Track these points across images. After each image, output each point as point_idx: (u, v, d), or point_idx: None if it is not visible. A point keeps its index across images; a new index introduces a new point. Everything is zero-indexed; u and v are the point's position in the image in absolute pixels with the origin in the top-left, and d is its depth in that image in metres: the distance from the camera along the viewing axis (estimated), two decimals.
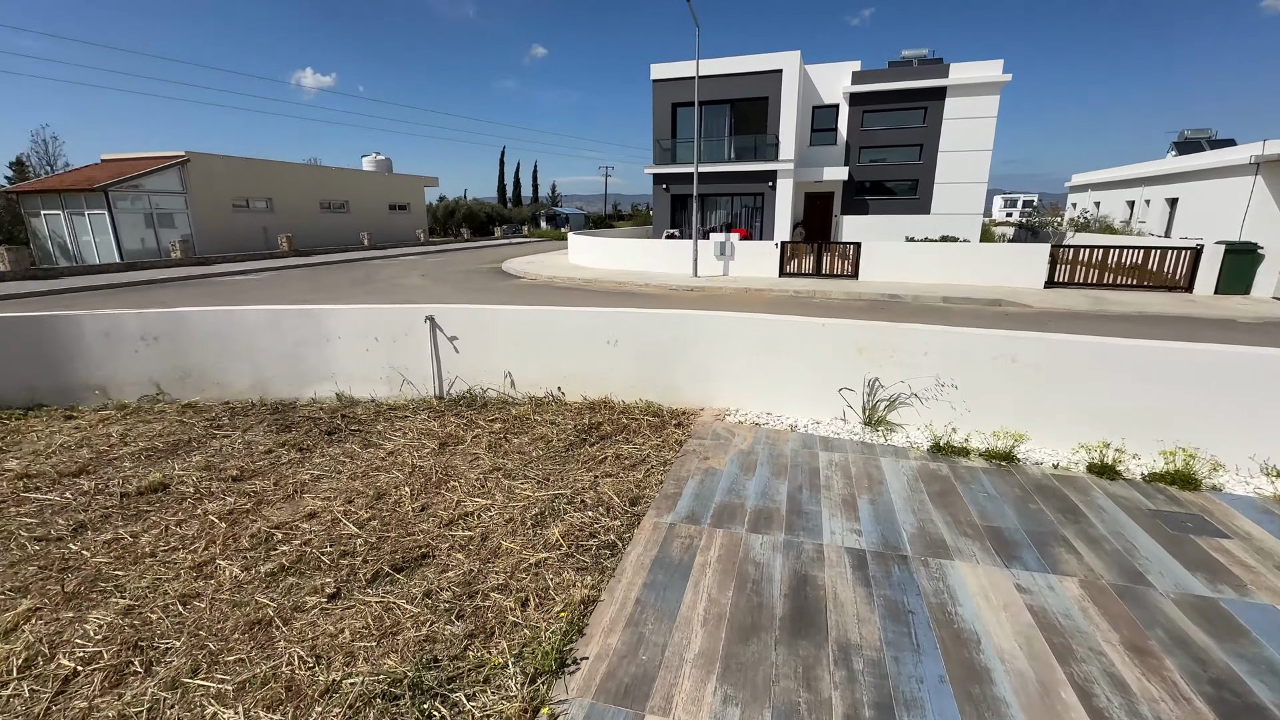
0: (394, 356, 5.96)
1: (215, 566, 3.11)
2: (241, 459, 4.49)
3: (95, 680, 2.35)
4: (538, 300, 13.54)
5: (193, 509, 3.74)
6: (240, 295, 15.31)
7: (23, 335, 5.70)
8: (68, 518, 3.60)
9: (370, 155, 40.36)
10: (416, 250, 32.20)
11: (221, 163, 27.52)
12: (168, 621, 2.69)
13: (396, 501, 3.80)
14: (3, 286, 16.18)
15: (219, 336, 5.92)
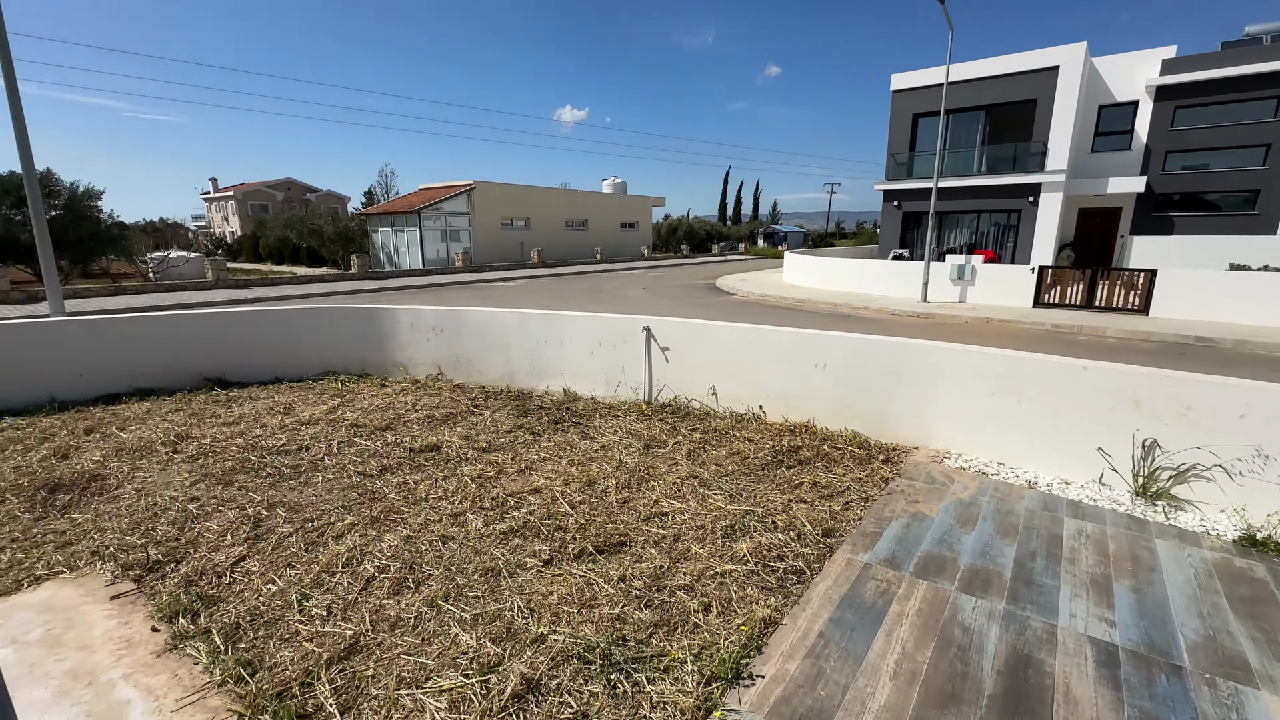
0: (613, 360, 6.60)
1: (465, 518, 3.84)
2: (490, 434, 5.42)
3: (385, 585, 3.10)
4: (748, 317, 13.65)
5: (454, 469, 4.65)
6: (499, 298, 18.33)
7: (361, 321, 7.66)
8: (377, 461, 4.76)
9: (609, 178, 44.82)
10: (640, 265, 34.78)
11: (496, 189, 33.10)
12: (432, 554, 3.41)
13: (603, 491, 4.23)
14: (354, 284, 21.77)
15: (483, 332, 7.22)
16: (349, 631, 2.72)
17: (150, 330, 6.92)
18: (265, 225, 38.39)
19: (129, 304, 15.73)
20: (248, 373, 7.30)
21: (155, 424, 5.58)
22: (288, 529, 3.67)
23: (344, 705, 2.31)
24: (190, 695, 2.37)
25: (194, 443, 5.10)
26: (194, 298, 17.22)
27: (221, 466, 4.59)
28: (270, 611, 2.87)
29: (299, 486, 4.29)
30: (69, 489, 4.19)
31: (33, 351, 6.27)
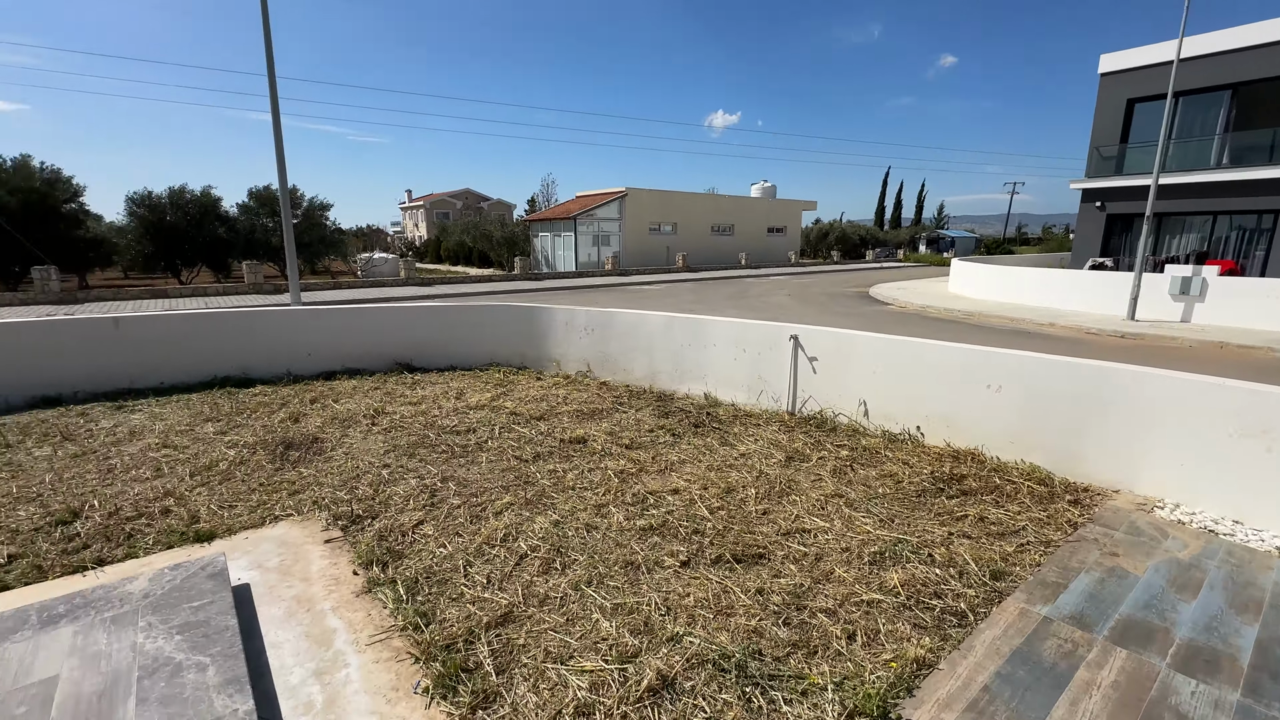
0: (756, 368, 6.48)
1: (608, 510, 4.02)
2: (633, 432, 5.62)
3: (535, 563, 3.35)
4: (904, 330, 12.62)
5: (598, 462, 4.88)
6: (644, 301, 18.90)
7: (523, 319, 8.36)
8: (531, 448, 5.16)
9: (758, 182, 44.07)
10: (786, 271, 33.75)
11: (646, 195, 34.14)
12: (577, 540, 3.62)
13: (742, 500, 4.18)
14: (515, 284, 23.83)
15: (630, 333, 7.50)
16: (504, 601, 2.98)
17: (359, 320, 8.19)
18: (446, 230, 43.50)
19: (342, 297, 18.77)
20: (429, 359, 8.32)
21: (359, 399, 6.59)
22: (456, 501, 4.13)
23: (499, 667, 2.54)
24: (379, 634, 2.76)
25: (387, 418, 5.93)
26: (390, 292, 20.05)
27: (407, 440, 5.29)
28: (441, 572, 3.25)
29: (466, 464, 4.80)
30: (299, 447, 5.11)
31: (277, 333, 7.74)
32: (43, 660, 2.30)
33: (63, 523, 3.75)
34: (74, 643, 2.40)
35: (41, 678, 2.22)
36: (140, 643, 2.40)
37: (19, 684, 2.19)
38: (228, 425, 5.68)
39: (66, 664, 2.28)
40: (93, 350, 6.77)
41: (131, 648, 2.37)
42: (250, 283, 19.55)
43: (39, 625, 2.50)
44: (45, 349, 6.56)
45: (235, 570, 3.20)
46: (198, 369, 7.26)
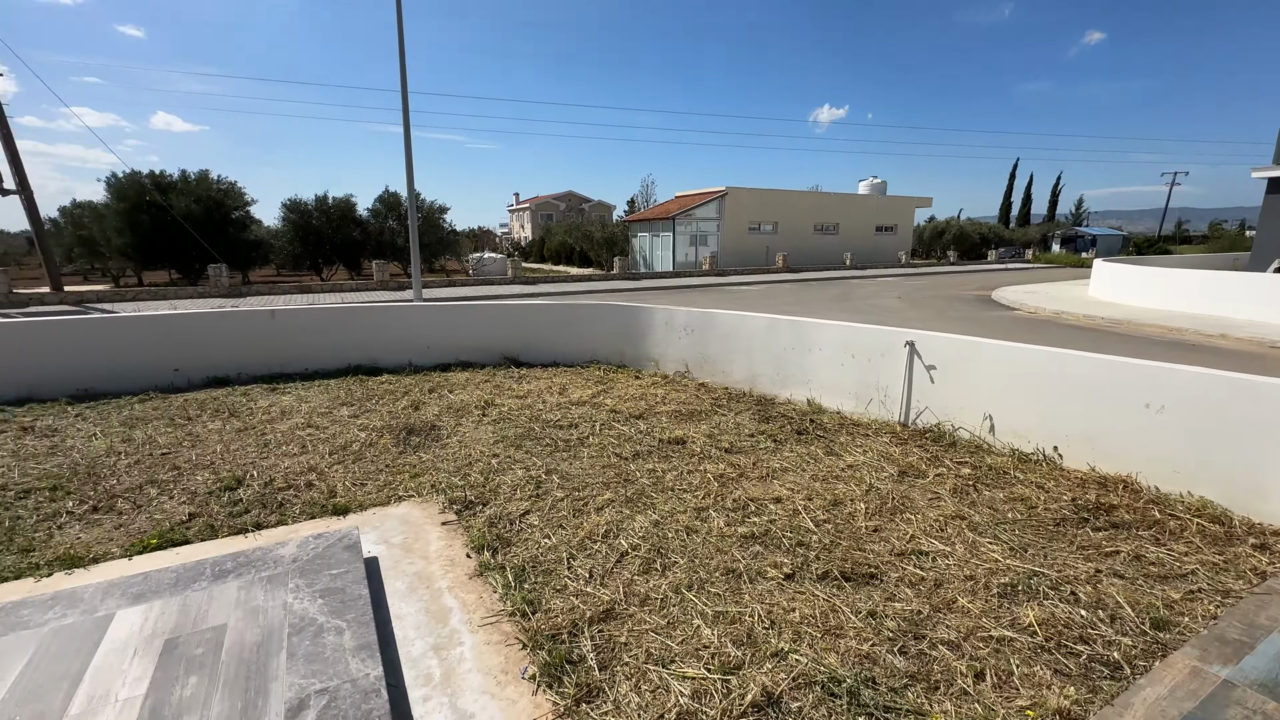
0: (866, 375, 6.13)
1: (708, 514, 3.96)
2: (732, 436, 5.51)
3: (635, 562, 3.37)
4: (1035, 338, 11.44)
5: (697, 465, 4.83)
6: (742, 302, 18.57)
7: (624, 318, 8.48)
8: (631, 446, 5.21)
9: (866, 179, 41.91)
10: (896, 272, 31.84)
11: (746, 194, 33.53)
12: (677, 542, 3.59)
13: (851, 514, 3.95)
14: (614, 283, 24.33)
15: (731, 335, 7.37)
16: (606, 597, 3.02)
17: (472, 316, 8.70)
18: (550, 231, 45.30)
19: (456, 294, 20.10)
20: (534, 355, 8.68)
21: (471, 390, 7.00)
22: (560, 494, 4.25)
23: (602, 663, 2.57)
24: (490, 617, 2.90)
25: (496, 410, 6.25)
26: (497, 290, 21.20)
27: (514, 432, 5.54)
28: (546, 563, 3.35)
29: (569, 458, 4.94)
30: (419, 433, 5.51)
31: (401, 327, 8.41)
32: (215, 609, 2.64)
33: (229, 488, 4.29)
34: (238, 596, 2.73)
35: (214, 624, 2.53)
36: (290, 602, 2.68)
37: (197, 628, 2.51)
38: (359, 410, 6.25)
39: (233, 615, 2.59)
40: (253, 338, 7.73)
41: (283, 606, 2.65)
42: (378, 280, 21.47)
43: (212, 578, 2.86)
44: (218, 337, 7.57)
45: (365, 544, 3.49)
46: (336, 357, 8.07)
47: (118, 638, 2.44)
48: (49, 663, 2.30)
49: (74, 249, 26.33)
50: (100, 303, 17.36)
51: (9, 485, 4.29)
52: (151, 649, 2.38)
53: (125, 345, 7.12)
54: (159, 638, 2.44)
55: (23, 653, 2.34)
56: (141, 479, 4.43)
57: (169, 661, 2.32)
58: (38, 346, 6.77)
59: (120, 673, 2.26)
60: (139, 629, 2.50)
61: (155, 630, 2.49)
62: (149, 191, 23.13)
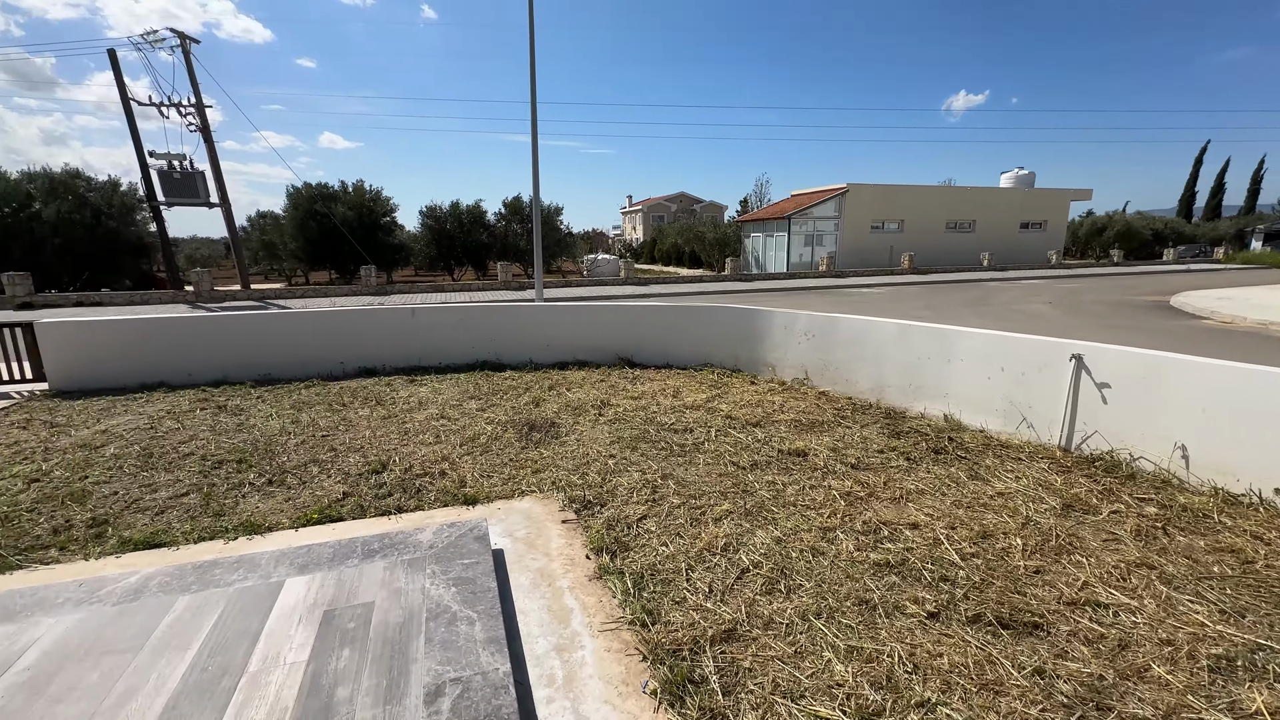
0: (1017, 390, 5.44)
1: (835, 535, 3.68)
2: (859, 450, 5.12)
3: (758, 580, 3.20)
4: (1235, 354, 9.64)
5: (821, 480, 4.54)
6: (863, 305, 17.49)
7: (740, 321, 8.25)
8: (748, 455, 5.02)
9: (1011, 171, 37.91)
10: (1044, 273, 28.51)
11: (869, 191, 31.66)
12: (802, 563, 3.37)
13: (1004, 550, 3.49)
14: (725, 284, 24.01)
15: (856, 341, 6.90)
16: (727, 615, 2.89)
17: (589, 316, 8.92)
18: (662, 233, 45.74)
19: (571, 294, 20.87)
20: (647, 356, 8.72)
21: (588, 389, 7.15)
22: (676, 500, 4.17)
23: (725, 686, 2.45)
24: (610, 622, 2.88)
25: (611, 410, 6.32)
26: (610, 290, 21.72)
27: (630, 433, 5.56)
28: (665, 572, 3.28)
29: (685, 464, 4.85)
30: (540, 429, 5.71)
31: (524, 326, 8.82)
32: (364, 586, 2.85)
33: (375, 472, 4.69)
34: (383, 577, 2.93)
35: (364, 601, 2.74)
36: (427, 588, 2.83)
37: (350, 603, 2.73)
38: (486, 404, 6.61)
39: (379, 594, 2.79)
40: (396, 333, 8.47)
41: (421, 591, 2.81)
42: (501, 280, 22.87)
43: (362, 557, 3.11)
44: (368, 332, 8.39)
45: (492, 536, 3.64)
46: (465, 353, 8.63)
47: (287, 604, 2.71)
48: (234, 619, 2.60)
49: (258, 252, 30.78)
50: (277, 299, 20.09)
51: (208, 456, 5.01)
52: (313, 618, 2.62)
53: (295, 337, 8.10)
54: (319, 608, 2.68)
55: (215, 609, 2.67)
56: (306, 458, 4.98)
57: (326, 632, 2.53)
58: (229, 338, 7.90)
59: (288, 637, 2.50)
60: (303, 598, 2.76)
61: (316, 600, 2.73)
62: (317, 201, 26.42)
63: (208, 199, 21.61)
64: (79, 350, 7.39)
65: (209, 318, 8.12)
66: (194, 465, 4.82)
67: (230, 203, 22.31)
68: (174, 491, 4.34)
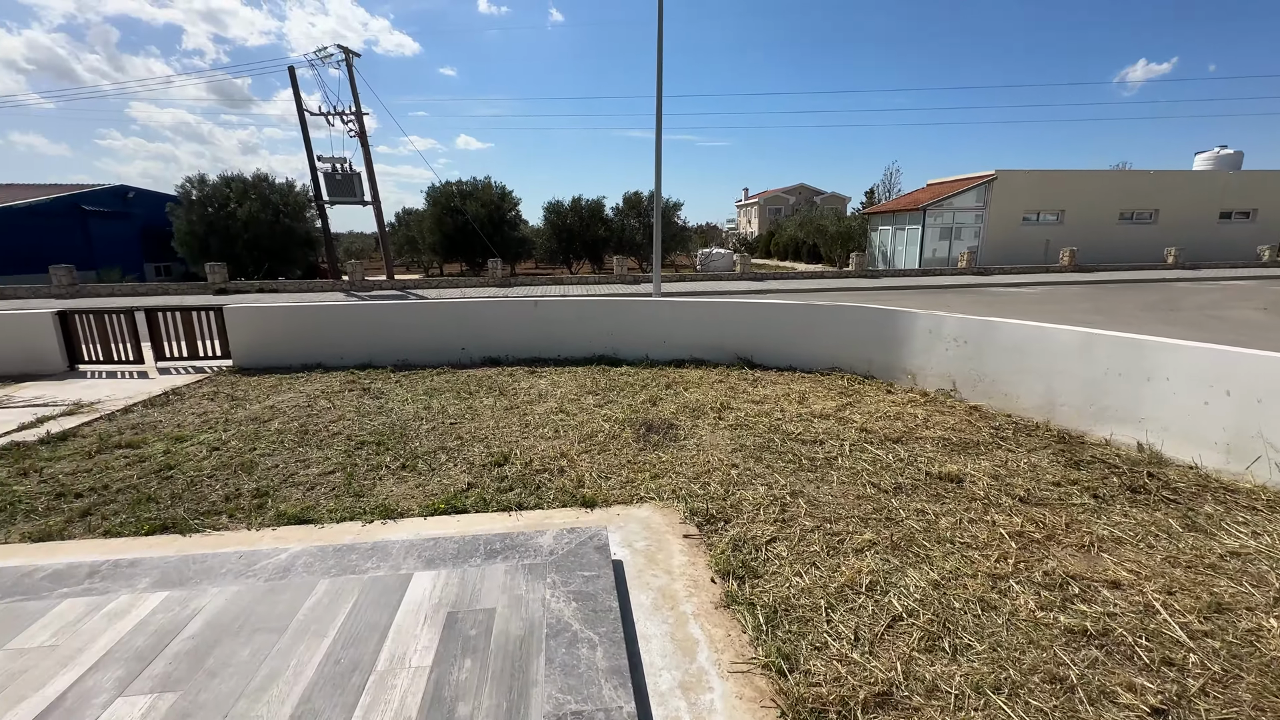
0: (1249, 420, 4.35)
1: (1009, 586, 3.08)
2: (1028, 481, 4.36)
3: (913, 633, 2.73)
4: None
5: (982, 513, 3.89)
6: (1013, 307, 15.52)
7: (875, 322, 7.51)
8: (890, 476, 4.45)
9: (1209, 151, 31.99)
10: (1251, 273, 23.82)
11: (1022, 178, 28.22)
12: (969, 616, 2.84)
13: (1254, 633, 2.71)
14: (848, 281, 22.51)
15: (1020, 349, 5.96)
16: (880, 674, 2.46)
17: (706, 313, 8.60)
18: (780, 226, 44.13)
19: (685, 288, 20.62)
20: (768, 357, 8.24)
21: (706, 390, 6.85)
22: (809, 522, 3.76)
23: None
24: (741, 662, 2.57)
25: (732, 413, 5.97)
26: (724, 286, 21.19)
27: (753, 441, 5.18)
28: (801, 609, 2.91)
29: (816, 481, 4.40)
30: (657, 430, 5.51)
31: (640, 321, 8.69)
32: (486, 589, 2.78)
33: (498, 464, 4.74)
34: (505, 581, 2.85)
35: (485, 606, 2.66)
36: (547, 599, 2.70)
37: (471, 606, 2.66)
38: (603, 400, 6.54)
39: (500, 600, 2.70)
40: (519, 325, 8.71)
41: (542, 602, 2.68)
42: (617, 274, 23.16)
43: (484, 556, 3.06)
44: (493, 322, 8.70)
45: (611, 545, 3.47)
46: (583, 346, 8.68)
47: (413, 599, 2.70)
48: (366, 610, 2.63)
49: (402, 246, 33.81)
50: (416, 288, 21.88)
51: (352, 436, 5.37)
52: (437, 619, 2.58)
53: (430, 326, 8.60)
54: (443, 608, 2.64)
55: (350, 597, 2.73)
56: (436, 444, 5.17)
57: (449, 636, 2.47)
58: (374, 325, 8.55)
59: (414, 637, 2.47)
60: (428, 594, 2.74)
61: (440, 600, 2.70)
62: (452, 199, 28.44)
63: (362, 197, 24.02)
64: (256, 332, 8.36)
65: (358, 306, 8.85)
66: (340, 445, 5.18)
67: (380, 201, 24.63)
68: (322, 469, 4.66)
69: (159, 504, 4.08)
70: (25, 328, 8.10)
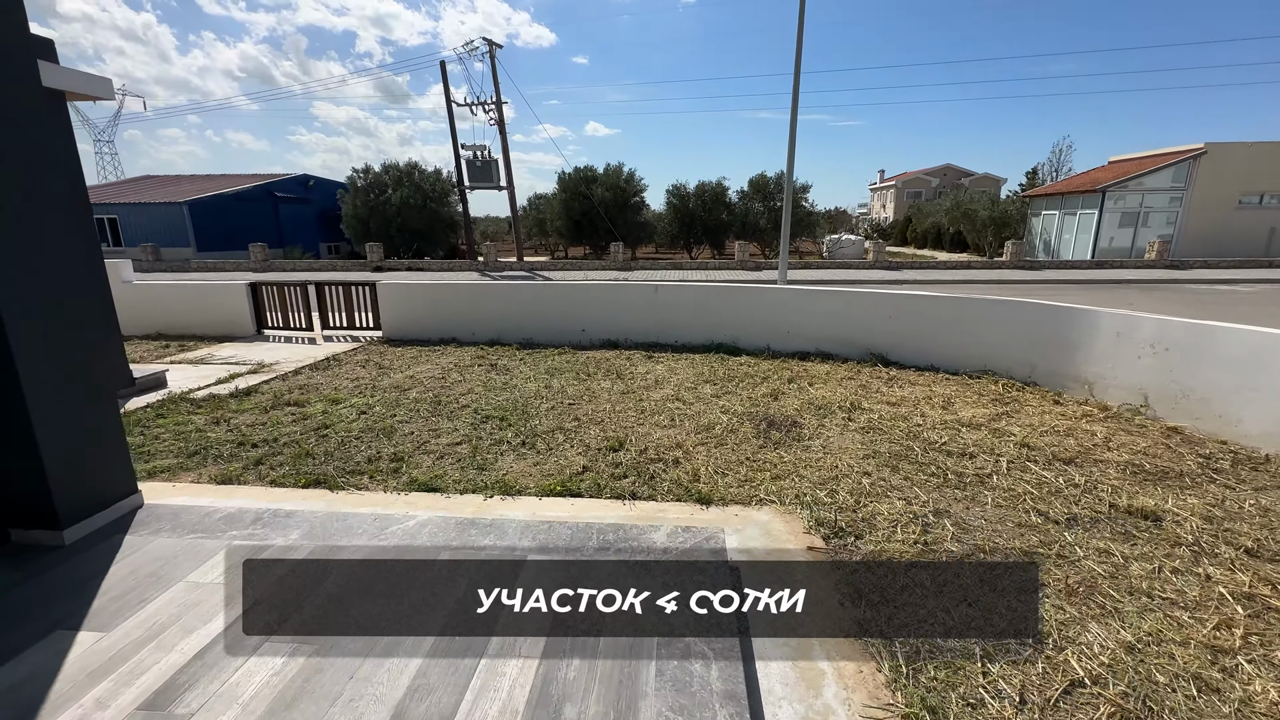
0: None
1: (1236, 664, 2.43)
2: (1255, 528, 3.47)
3: (1099, 705, 2.22)
4: None
5: (1190, 563, 3.14)
6: (1225, 310, 12.85)
7: (1039, 320, 6.46)
8: (1063, 504, 3.76)
9: None
10: None
11: (1239, 151, 23.36)
12: (1178, 697, 2.26)
13: None
14: (1000, 273, 20.08)
15: (1248, 363, 4.80)
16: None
17: (834, 303, 7.96)
18: (919, 211, 40.46)
19: (811, 276, 19.54)
20: (905, 355, 7.46)
21: (833, 387, 6.33)
22: (955, 548, 3.26)
23: None
24: (875, 708, 2.24)
25: (864, 414, 5.45)
26: (856, 275, 19.79)
27: (888, 448, 4.66)
28: (949, 653, 2.49)
29: (965, 500, 3.84)
30: (779, 427, 5.16)
31: (763, 309, 8.26)
32: (597, 586, 2.68)
33: (613, 449, 4.68)
34: (616, 577, 2.73)
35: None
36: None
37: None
38: (721, 390, 6.28)
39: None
40: (639, 309, 8.66)
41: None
42: (738, 260, 22.53)
43: (596, 548, 2.98)
44: (614, 306, 8.73)
45: (728, 548, 3.24)
46: (701, 333, 8.45)
47: (524, 586, 2.68)
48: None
49: (532, 229, 35.54)
50: (543, 270, 22.88)
51: (479, 410, 5.61)
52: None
53: (553, 307, 8.82)
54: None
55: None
56: (554, 424, 5.24)
57: (558, 629, 2.40)
58: (504, 303, 8.94)
59: (523, 627, 2.43)
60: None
61: (551, 590, 2.65)
62: (580, 184, 29.28)
63: (498, 182, 25.48)
64: (403, 307, 9.10)
65: (489, 286, 9.31)
66: (467, 417, 5.42)
67: (514, 186, 25.98)
68: (451, 439, 4.90)
69: (314, 459, 4.51)
70: (226, 297, 9.49)
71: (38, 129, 3.01)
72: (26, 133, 2.96)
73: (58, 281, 3.09)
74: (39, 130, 3.01)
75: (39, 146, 3.01)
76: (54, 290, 3.07)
